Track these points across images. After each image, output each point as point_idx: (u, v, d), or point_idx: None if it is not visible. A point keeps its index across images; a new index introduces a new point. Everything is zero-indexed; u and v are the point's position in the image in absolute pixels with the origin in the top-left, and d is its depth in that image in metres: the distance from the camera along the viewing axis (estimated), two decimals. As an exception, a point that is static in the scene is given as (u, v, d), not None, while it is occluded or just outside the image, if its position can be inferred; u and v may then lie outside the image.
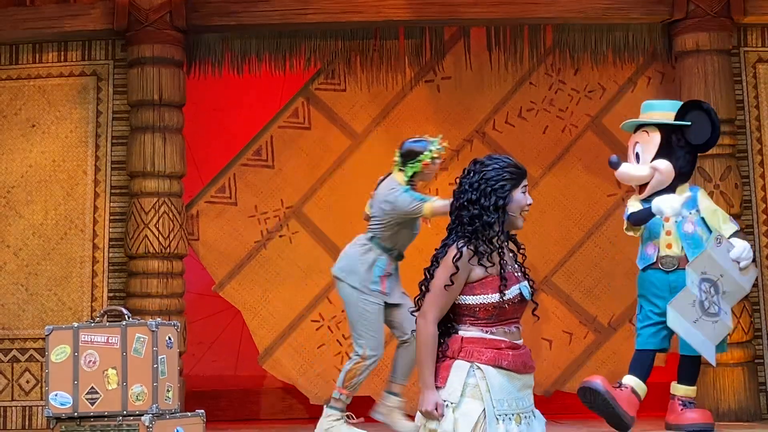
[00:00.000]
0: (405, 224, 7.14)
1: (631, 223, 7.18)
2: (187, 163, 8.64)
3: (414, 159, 7.16)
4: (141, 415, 5.65)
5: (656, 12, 8.57)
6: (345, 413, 7.16)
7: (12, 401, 8.31)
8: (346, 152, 9.18)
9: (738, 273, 7.05)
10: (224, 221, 9.09)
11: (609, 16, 8.61)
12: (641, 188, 7.25)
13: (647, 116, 7.35)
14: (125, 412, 5.69)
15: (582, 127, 9.12)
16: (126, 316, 5.89)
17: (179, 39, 8.54)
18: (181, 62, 8.59)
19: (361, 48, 8.82)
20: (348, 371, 7.08)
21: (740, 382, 8.08)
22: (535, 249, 8.57)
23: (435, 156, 7.18)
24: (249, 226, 9.11)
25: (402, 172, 7.20)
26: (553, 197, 9.02)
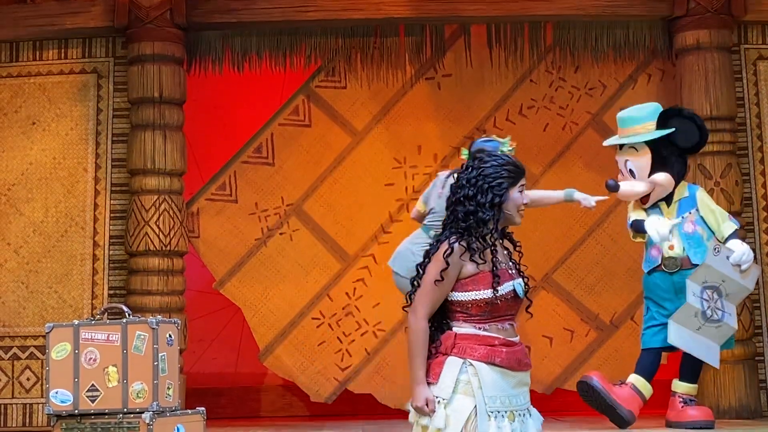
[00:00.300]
0: None
1: (634, 230, 7.22)
2: (188, 161, 8.63)
3: None
4: (141, 413, 5.64)
5: (657, 9, 8.56)
6: None
7: (12, 399, 8.30)
8: (347, 150, 9.17)
9: (739, 276, 7.07)
10: (225, 219, 9.09)
11: (609, 13, 8.60)
12: (643, 199, 7.29)
13: (630, 131, 7.34)
14: (126, 410, 5.67)
15: (582, 125, 9.11)
16: (126, 314, 5.87)
17: (180, 36, 8.54)
18: (182, 59, 8.58)
19: (362, 45, 8.81)
20: None
21: (741, 380, 8.07)
22: (537, 246, 8.57)
23: None
24: (249, 224, 9.11)
25: None
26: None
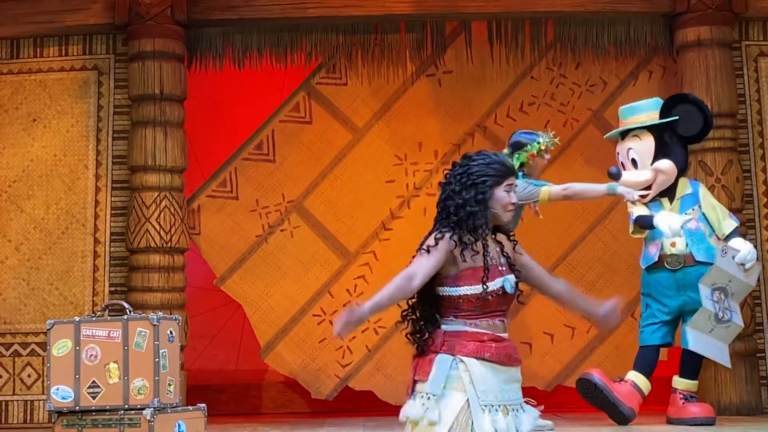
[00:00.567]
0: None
1: (639, 226, 7.21)
2: (188, 158, 8.63)
3: (521, 149, 7.17)
4: (142, 409, 5.64)
5: (658, 5, 8.56)
6: None
7: (13, 395, 8.30)
8: (348, 146, 9.18)
9: (743, 274, 7.09)
10: (225, 215, 9.09)
11: (610, 10, 8.60)
12: (645, 190, 7.28)
13: (633, 120, 7.35)
14: (127, 406, 5.67)
15: (583, 122, 9.11)
16: (127, 311, 5.87)
17: (180, 33, 8.53)
18: (182, 56, 8.58)
19: (363, 42, 8.81)
20: None
21: (741, 376, 8.06)
22: (538, 243, 8.55)
23: (542, 149, 7.17)
24: (250, 221, 9.11)
25: None
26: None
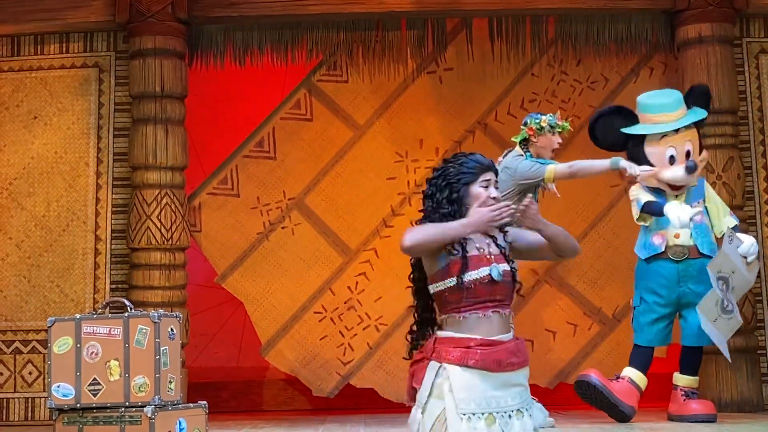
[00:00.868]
0: (526, 194, 6.87)
1: (646, 212, 7.19)
2: (189, 155, 8.63)
3: (524, 126, 7.31)
4: (143, 407, 5.64)
5: (659, 2, 8.56)
6: None
7: (14, 393, 8.31)
8: (349, 144, 9.17)
9: (746, 268, 7.09)
10: (226, 213, 9.09)
11: (611, 7, 8.59)
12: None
13: (677, 114, 7.36)
14: (128, 404, 5.67)
15: (585, 118, 9.09)
16: (128, 308, 5.87)
17: (181, 30, 8.53)
18: (183, 54, 8.58)
19: (364, 39, 8.80)
20: None
21: (742, 373, 8.06)
22: (538, 240, 8.55)
23: (543, 125, 7.20)
24: (251, 218, 9.11)
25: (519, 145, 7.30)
26: (556, 188, 8.99)
